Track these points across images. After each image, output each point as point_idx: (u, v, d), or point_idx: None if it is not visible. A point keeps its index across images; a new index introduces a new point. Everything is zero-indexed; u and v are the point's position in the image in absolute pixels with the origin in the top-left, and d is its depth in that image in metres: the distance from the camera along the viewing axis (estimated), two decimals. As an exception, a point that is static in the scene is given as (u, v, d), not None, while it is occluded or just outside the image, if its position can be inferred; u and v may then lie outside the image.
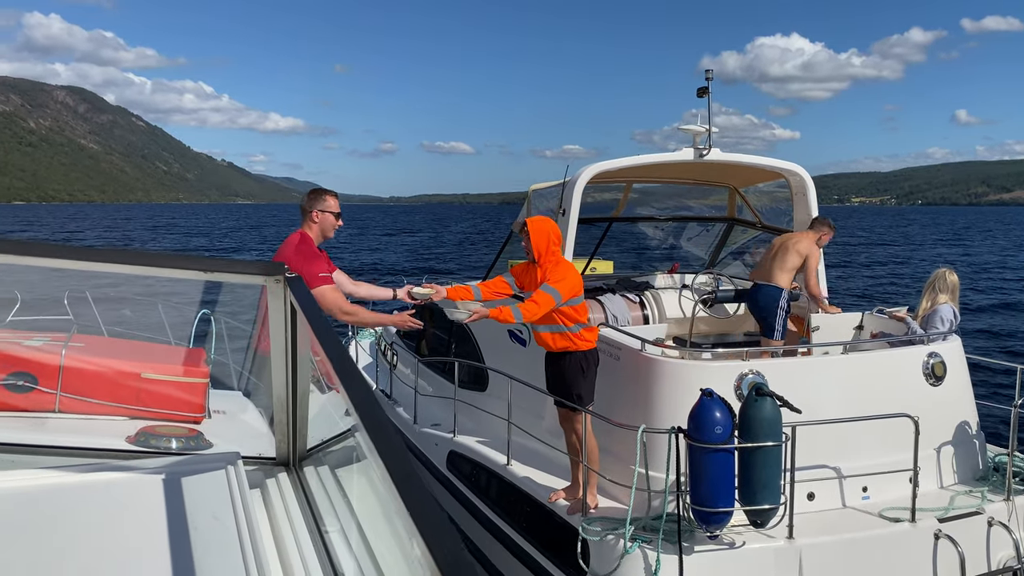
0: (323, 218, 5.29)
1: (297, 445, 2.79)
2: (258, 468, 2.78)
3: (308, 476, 2.74)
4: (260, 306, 4.34)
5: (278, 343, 2.59)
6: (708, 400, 4.53)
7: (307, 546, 2.27)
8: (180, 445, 3.60)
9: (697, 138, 6.90)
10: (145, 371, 4.09)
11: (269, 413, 3.03)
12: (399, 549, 2.06)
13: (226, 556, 1.98)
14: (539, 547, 5.57)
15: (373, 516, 2.29)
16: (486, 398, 7.47)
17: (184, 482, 2.42)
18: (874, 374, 5.65)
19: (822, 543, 4.89)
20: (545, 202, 7.39)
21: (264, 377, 3.45)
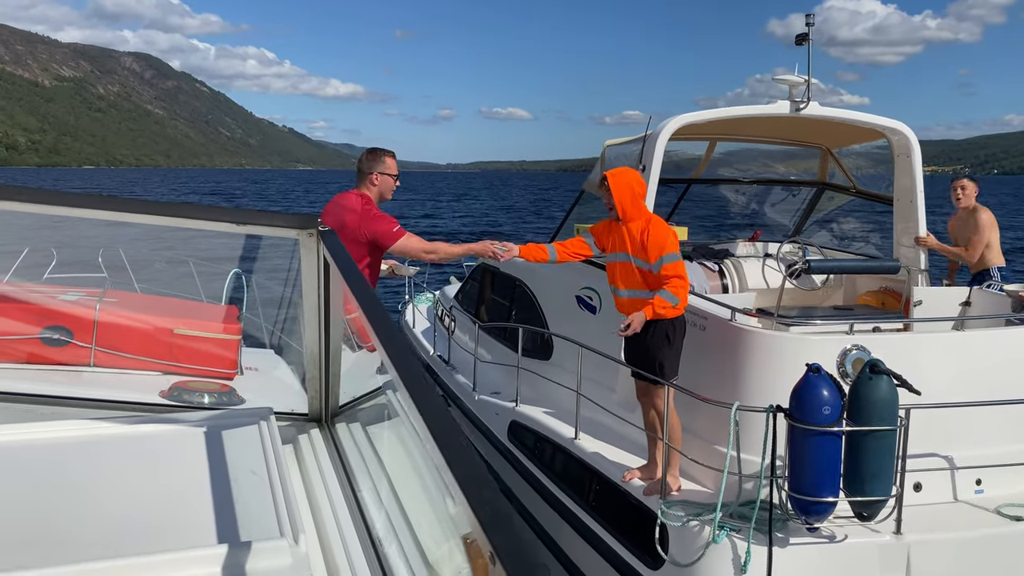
0: (383, 180, 5.17)
1: (329, 402, 2.78)
2: (291, 424, 2.77)
3: (340, 432, 2.73)
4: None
5: (310, 298, 2.58)
6: (815, 377, 3.99)
7: (339, 501, 2.26)
8: (213, 400, 3.56)
9: (794, 90, 6.27)
10: (178, 327, 4.08)
11: (301, 370, 3.00)
12: (429, 505, 2.21)
13: (260, 509, 1.97)
14: (610, 529, 5.12)
15: (404, 472, 2.36)
16: (550, 367, 7.02)
17: (217, 436, 2.41)
18: (990, 354, 5.04)
19: (933, 541, 4.34)
20: (622, 159, 6.84)
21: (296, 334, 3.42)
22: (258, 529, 1.88)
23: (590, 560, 5.19)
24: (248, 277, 5.41)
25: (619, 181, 4.98)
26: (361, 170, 5.16)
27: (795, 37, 6.21)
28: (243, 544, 1.75)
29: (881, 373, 4.01)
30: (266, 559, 1.72)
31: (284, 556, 1.74)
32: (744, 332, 4.94)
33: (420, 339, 9.96)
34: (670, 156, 6.34)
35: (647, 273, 4.92)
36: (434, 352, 9.10)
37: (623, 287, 5.10)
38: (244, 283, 5.48)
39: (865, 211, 8.17)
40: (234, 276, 5.57)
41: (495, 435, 6.86)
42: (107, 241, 5.40)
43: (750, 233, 8.63)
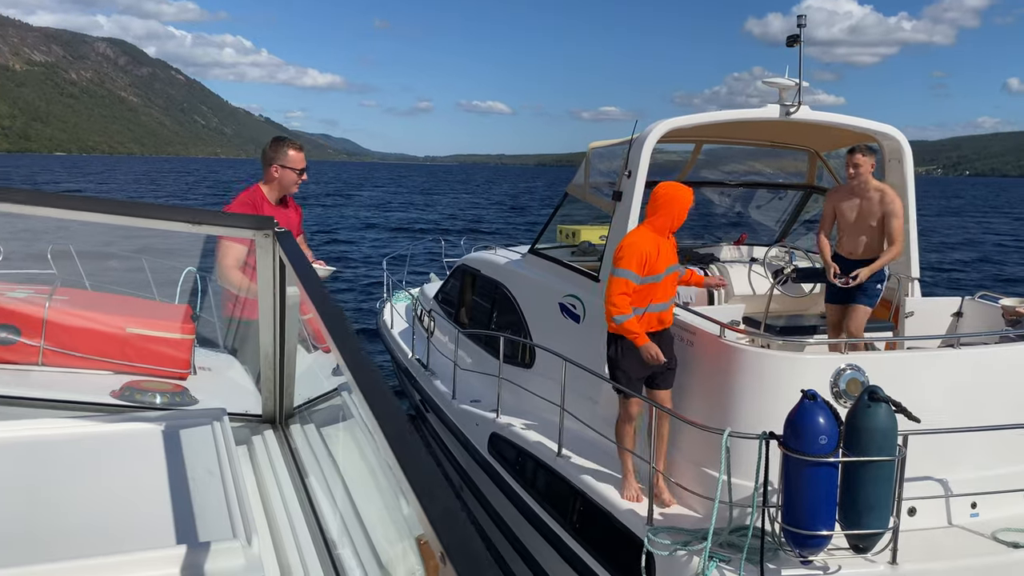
0: (283, 174, 4.85)
1: (284, 403, 2.78)
2: (244, 425, 2.77)
3: (294, 434, 2.73)
4: (217, 252, 4.31)
5: (266, 299, 2.58)
6: (811, 404, 3.80)
7: (292, 502, 2.25)
8: (165, 400, 3.43)
9: (784, 93, 6.07)
10: (130, 326, 3.97)
11: (256, 371, 2.97)
12: (383, 506, 2.18)
13: (213, 510, 1.96)
14: (594, 553, 4.92)
15: (358, 473, 2.34)
16: (532, 375, 6.80)
17: (169, 437, 2.40)
18: (987, 372, 4.87)
19: (929, 570, 4.18)
20: (606, 162, 6.63)
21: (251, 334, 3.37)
22: (211, 530, 1.88)
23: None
24: (203, 275, 5.20)
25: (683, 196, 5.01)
26: (263, 160, 4.89)
27: (786, 39, 6.01)
28: (195, 545, 1.74)
29: (880, 400, 3.82)
30: (219, 560, 1.71)
31: (237, 557, 1.74)
32: (734, 351, 4.74)
33: (398, 341, 9.70)
34: (655, 158, 6.13)
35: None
36: (412, 355, 8.86)
37: (672, 296, 5.12)
38: (199, 281, 5.27)
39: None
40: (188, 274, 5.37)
41: (475, 447, 6.63)
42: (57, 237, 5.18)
43: (735, 236, 8.45)
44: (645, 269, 4.92)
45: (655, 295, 4.96)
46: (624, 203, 5.91)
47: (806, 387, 4.51)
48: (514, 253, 8.26)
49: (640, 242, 4.97)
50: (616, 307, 4.88)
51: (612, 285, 4.92)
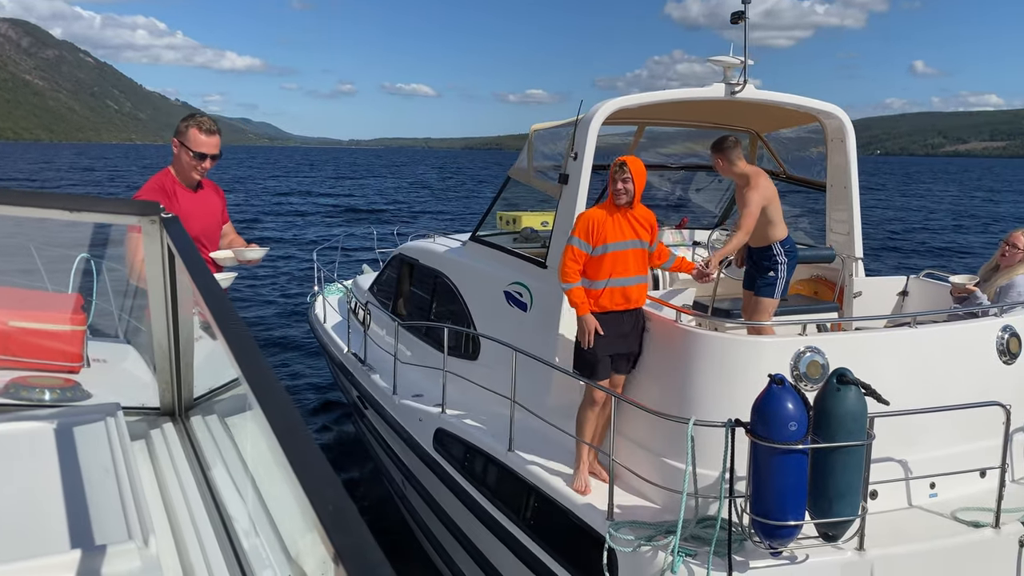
0: (179, 153, 4.38)
1: (183, 394, 2.71)
2: (141, 419, 2.69)
3: (195, 426, 2.65)
4: (127, 247, 4.02)
5: (156, 287, 2.52)
6: (779, 389, 3.67)
7: (194, 498, 2.17)
8: (55, 396, 3.23)
9: (729, 71, 5.94)
10: (13, 319, 3.67)
11: (152, 362, 2.89)
12: (292, 497, 1.94)
13: (107, 511, 1.90)
14: (552, 552, 4.73)
15: (264, 465, 2.23)
16: (476, 368, 6.57)
17: (60, 435, 2.32)
18: (942, 351, 4.85)
19: (896, 555, 4.12)
20: (550, 144, 6.42)
21: (145, 324, 3.22)
22: (106, 532, 1.82)
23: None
24: (98, 263, 4.81)
25: (640, 169, 4.95)
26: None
27: (731, 15, 5.87)
28: (90, 550, 1.68)
29: (849, 383, 3.72)
30: (114, 564, 1.66)
31: (132, 560, 1.69)
32: (692, 336, 4.60)
33: (332, 335, 9.34)
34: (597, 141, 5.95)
35: (650, 256, 5.08)
36: (348, 350, 8.52)
37: (636, 274, 4.94)
38: (93, 269, 4.89)
39: (792, 197, 7.98)
40: (82, 261, 4.96)
41: (419, 443, 6.37)
42: None
43: (677, 220, 8.36)
44: (594, 237, 4.85)
45: (615, 268, 4.83)
46: (571, 186, 5.71)
47: (767, 371, 4.41)
48: (453, 241, 7.99)
49: (588, 213, 4.97)
50: (564, 275, 4.89)
51: (562, 255, 4.95)
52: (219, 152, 4.57)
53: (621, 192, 4.85)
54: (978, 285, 5.41)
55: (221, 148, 4.61)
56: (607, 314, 4.85)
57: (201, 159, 4.40)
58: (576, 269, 4.86)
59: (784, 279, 5.76)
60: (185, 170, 4.43)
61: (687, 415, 4.42)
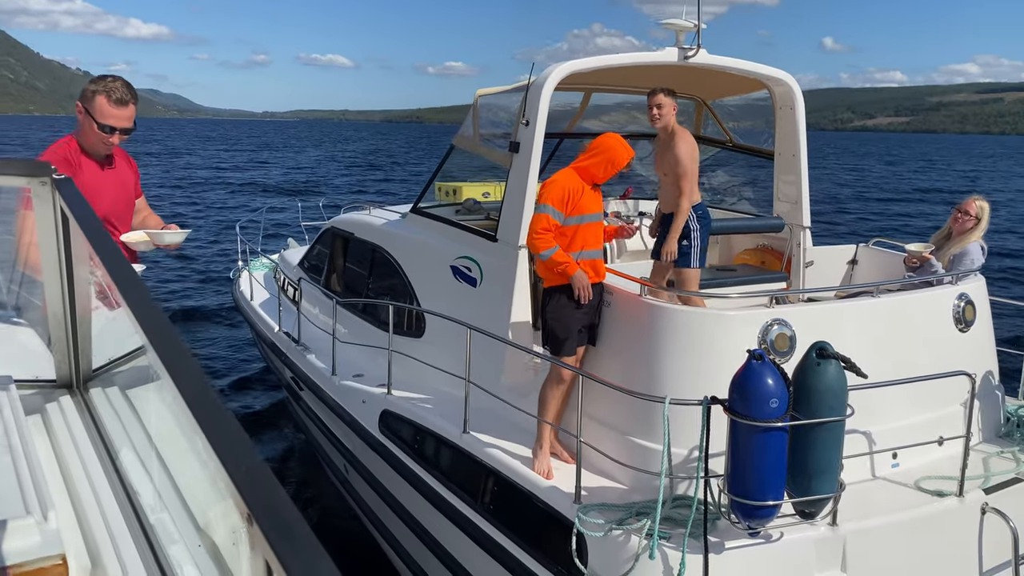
0: (85, 122, 3.86)
1: (81, 365, 2.62)
2: (36, 392, 2.60)
3: (95, 398, 2.56)
4: (18, 210, 3.64)
5: (49, 254, 2.44)
6: (759, 365, 3.51)
7: (96, 471, 2.12)
8: None
9: (681, 35, 5.75)
10: None
11: (47, 332, 2.78)
12: (200, 466, 1.99)
13: (2, 487, 1.83)
14: (515, 538, 4.52)
15: (172, 436, 2.17)
16: (421, 346, 6.29)
17: None
18: (903, 320, 4.81)
19: (867, 528, 4.05)
20: (498, 111, 6.13)
21: (36, 292, 3.13)
22: (2, 508, 1.76)
23: (493, 574, 4.57)
24: None
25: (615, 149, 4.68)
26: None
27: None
28: None
29: (829, 357, 3.59)
30: (13, 539, 1.62)
31: (31, 535, 1.65)
32: (658, 310, 4.42)
33: (261, 313, 8.88)
34: None
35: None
36: (279, 328, 8.10)
37: (597, 248, 4.75)
38: None
39: (735, 165, 7.92)
40: None
41: (363, 426, 6.07)
42: None
43: (621, 190, 8.19)
44: (568, 207, 4.61)
45: (587, 240, 4.64)
46: (523, 154, 5.44)
47: (734, 345, 4.27)
48: (391, 213, 7.65)
49: (562, 179, 4.70)
50: (541, 241, 4.57)
51: (533, 222, 4.66)
52: (133, 125, 3.99)
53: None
54: (932, 253, 5.39)
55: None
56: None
57: (109, 132, 3.87)
58: (550, 237, 4.59)
59: (699, 247, 5.53)
60: (90, 140, 3.92)
61: (653, 392, 4.26)
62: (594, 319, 4.71)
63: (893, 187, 49.78)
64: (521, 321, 5.35)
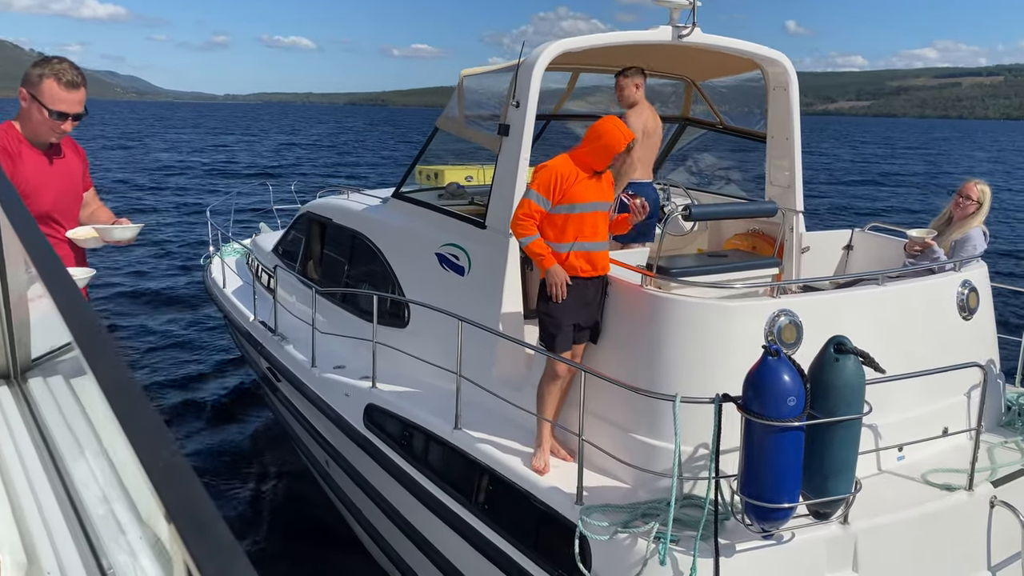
0: (31, 112, 3.54)
1: (18, 355, 2.51)
2: None
3: (34, 389, 2.46)
4: None
5: None
6: (775, 361, 3.33)
7: (35, 465, 2.04)
8: None
9: (675, 13, 5.54)
10: None
11: None
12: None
13: None
14: (514, 540, 4.33)
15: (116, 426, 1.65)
16: (406, 336, 6.06)
17: None
18: (909, 309, 4.68)
19: (878, 526, 3.91)
20: (486, 92, 5.88)
21: None
22: None
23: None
24: None
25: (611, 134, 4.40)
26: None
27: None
28: None
29: (848, 352, 3.43)
30: None
31: None
32: (661, 301, 4.23)
33: (234, 301, 8.57)
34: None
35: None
36: (255, 318, 7.81)
37: (603, 238, 4.53)
38: None
39: (720, 147, 7.74)
40: None
41: (347, 421, 5.83)
42: None
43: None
44: (556, 194, 4.38)
45: (583, 231, 4.39)
46: (513, 137, 5.21)
47: (741, 337, 4.10)
48: (371, 198, 7.38)
49: (553, 164, 4.47)
50: (521, 227, 4.42)
51: (516, 208, 4.51)
52: (84, 110, 3.68)
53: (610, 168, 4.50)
54: (934, 239, 5.26)
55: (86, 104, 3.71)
56: (571, 280, 4.44)
57: (60, 119, 3.55)
58: (532, 224, 4.41)
59: (636, 227, 5.21)
60: (37, 128, 3.59)
61: (656, 386, 4.08)
62: (595, 316, 4.49)
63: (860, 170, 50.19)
64: (512, 312, 5.14)
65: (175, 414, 9.50)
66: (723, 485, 3.67)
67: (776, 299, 4.23)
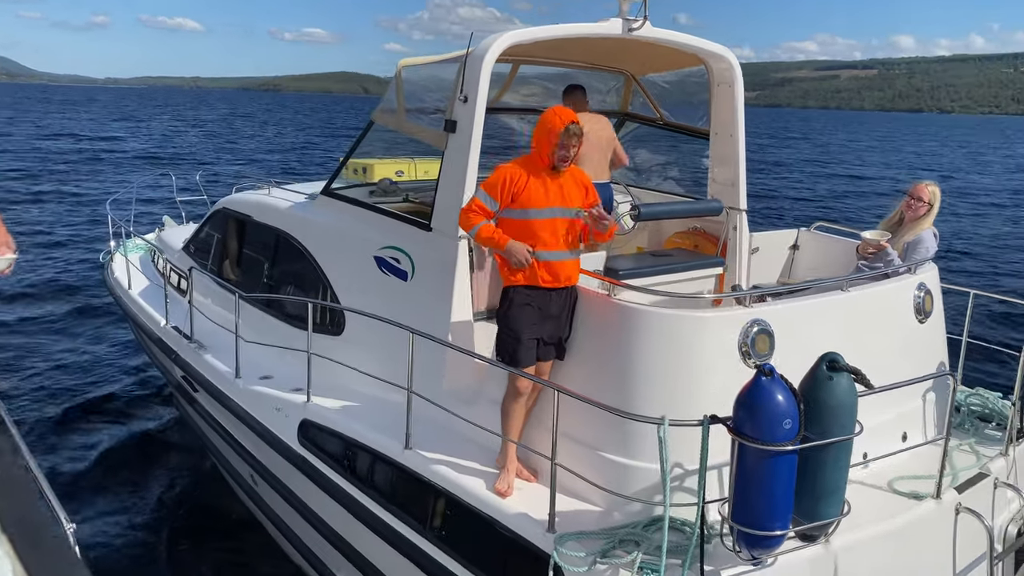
0: None
1: None
2: None
3: None
4: None
5: None
6: (768, 382, 3.14)
7: None
8: None
9: (625, 5, 5.31)
10: None
11: None
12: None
13: None
14: (472, 567, 4.04)
15: None
16: (341, 345, 5.67)
17: None
18: (872, 313, 4.61)
19: (857, 542, 3.80)
20: (428, 84, 5.52)
21: None
22: None
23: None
24: None
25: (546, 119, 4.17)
26: None
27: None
28: None
29: (841, 370, 3.27)
30: None
31: None
32: (633, 312, 3.99)
33: (142, 304, 7.92)
34: None
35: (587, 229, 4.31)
36: (167, 323, 7.22)
37: (566, 248, 4.20)
38: None
39: (658, 143, 7.60)
40: None
41: (278, 437, 5.40)
42: None
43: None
44: (504, 196, 4.15)
45: (539, 238, 4.11)
46: (461, 134, 4.88)
47: (715, 348, 3.93)
48: (295, 194, 6.90)
49: (504, 166, 4.25)
50: (465, 220, 4.22)
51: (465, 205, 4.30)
52: None
53: (569, 158, 4.15)
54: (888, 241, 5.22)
55: None
56: (530, 289, 4.15)
57: None
58: (479, 218, 4.17)
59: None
60: None
61: (628, 403, 3.86)
62: (560, 331, 4.22)
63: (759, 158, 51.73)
64: (463, 320, 4.83)
65: (78, 420, 8.85)
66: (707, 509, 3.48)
67: (748, 309, 4.07)
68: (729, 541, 3.41)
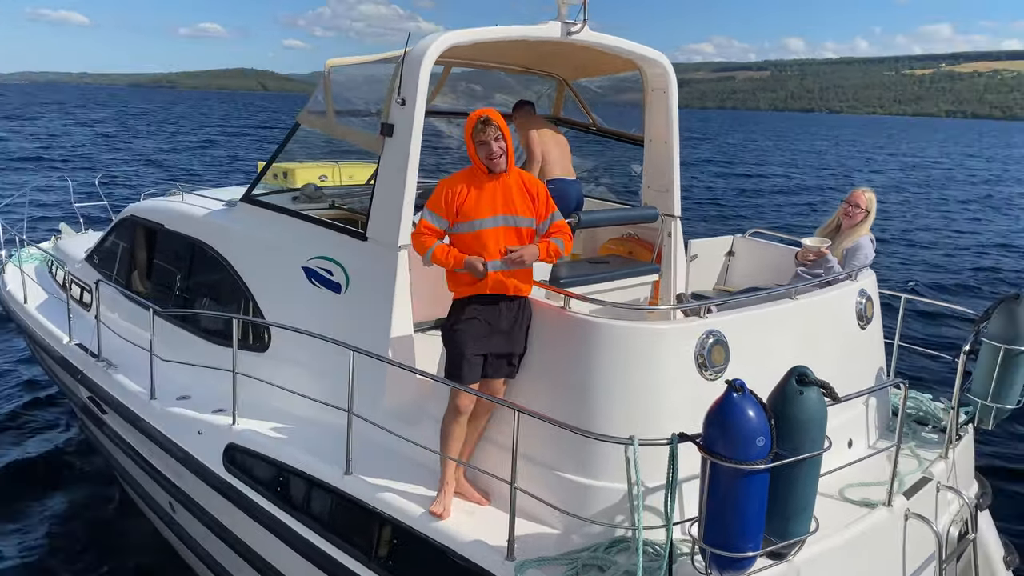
0: None
1: None
2: None
3: None
4: None
5: None
6: (739, 399, 3.03)
7: None
8: None
9: (564, 8, 5.17)
10: None
11: None
12: None
13: None
14: None
15: None
16: (266, 362, 5.35)
17: None
18: (819, 321, 4.60)
19: (819, 555, 3.75)
20: (360, 86, 5.24)
21: None
22: None
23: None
24: None
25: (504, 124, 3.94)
26: None
27: (568, -58, 5.08)
28: None
29: (810, 384, 3.20)
30: None
31: None
32: (589, 325, 3.84)
33: (40, 320, 7.34)
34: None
35: (531, 234, 4.02)
36: (70, 339, 6.70)
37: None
38: None
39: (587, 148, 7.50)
40: None
41: (201, 463, 5.03)
42: None
43: None
44: (450, 210, 3.95)
45: (487, 249, 3.91)
46: (399, 138, 4.64)
47: (672, 361, 3.82)
48: (212, 201, 6.50)
49: (445, 181, 4.06)
50: (417, 243, 4.00)
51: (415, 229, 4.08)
52: None
53: (497, 155, 3.90)
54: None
55: None
56: (478, 299, 3.95)
57: None
58: (431, 240, 3.95)
59: None
60: None
61: (586, 419, 3.72)
62: (511, 347, 4.01)
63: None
64: (403, 335, 4.59)
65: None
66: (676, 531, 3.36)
67: (703, 320, 3.97)
68: (700, 563, 3.30)
